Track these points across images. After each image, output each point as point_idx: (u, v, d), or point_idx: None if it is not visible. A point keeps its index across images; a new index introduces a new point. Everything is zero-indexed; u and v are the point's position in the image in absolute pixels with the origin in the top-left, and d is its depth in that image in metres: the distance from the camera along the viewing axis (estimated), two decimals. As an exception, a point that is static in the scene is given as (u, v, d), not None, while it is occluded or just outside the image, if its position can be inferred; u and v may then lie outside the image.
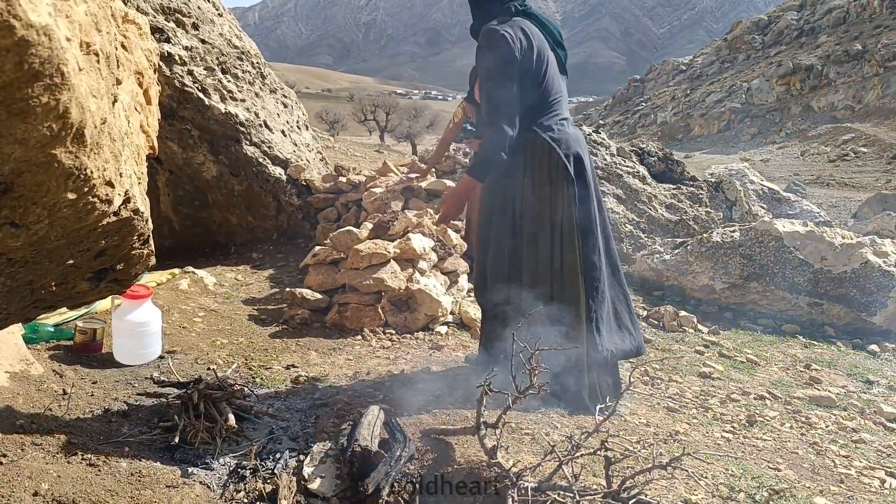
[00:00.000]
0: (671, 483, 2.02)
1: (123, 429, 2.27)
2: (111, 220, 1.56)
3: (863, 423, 3.00)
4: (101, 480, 1.90)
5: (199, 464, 2.10)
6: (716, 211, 6.54)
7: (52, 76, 1.10)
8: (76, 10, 1.22)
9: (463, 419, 2.35)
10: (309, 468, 2.05)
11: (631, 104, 44.37)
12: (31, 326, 2.90)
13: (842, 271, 4.59)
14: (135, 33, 1.93)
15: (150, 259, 1.97)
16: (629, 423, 2.61)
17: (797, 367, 3.79)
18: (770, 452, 2.53)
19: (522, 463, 2.00)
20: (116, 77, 1.50)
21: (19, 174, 1.20)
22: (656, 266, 5.17)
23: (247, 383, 2.77)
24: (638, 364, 3.47)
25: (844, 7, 38.71)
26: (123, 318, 2.86)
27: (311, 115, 8.12)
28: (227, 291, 4.23)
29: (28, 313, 1.89)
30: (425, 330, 3.74)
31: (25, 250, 1.43)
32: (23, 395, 2.38)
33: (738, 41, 43.70)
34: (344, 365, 3.14)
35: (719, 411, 2.93)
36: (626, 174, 6.48)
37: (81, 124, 1.22)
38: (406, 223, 4.16)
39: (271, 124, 5.56)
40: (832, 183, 17.14)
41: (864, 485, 2.34)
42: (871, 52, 31.75)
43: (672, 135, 34.38)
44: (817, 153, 24.94)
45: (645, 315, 4.41)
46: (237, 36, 5.63)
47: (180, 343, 3.21)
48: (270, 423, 2.43)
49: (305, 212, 5.45)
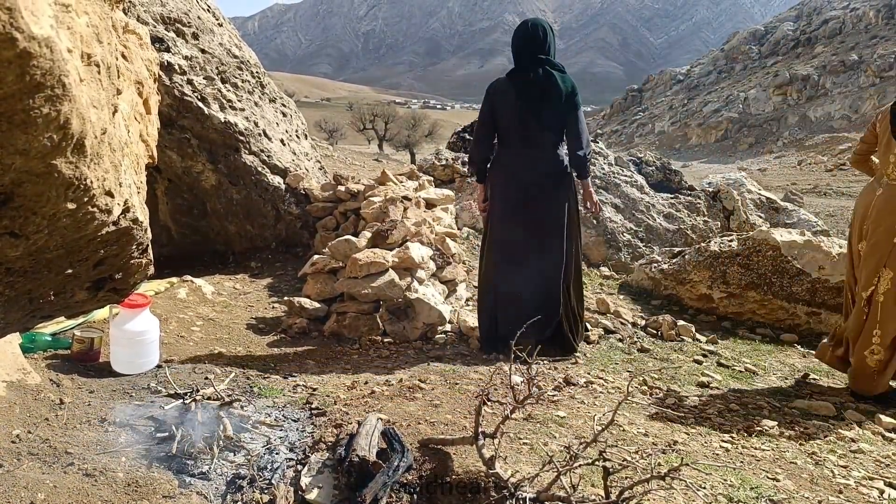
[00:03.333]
0: (669, 493, 2.02)
1: (120, 438, 2.26)
2: (110, 229, 1.57)
3: (861, 433, 3.00)
4: (98, 491, 1.89)
5: (197, 474, 2.09)
6: (713, 220, 6.55)
7: (53, 87, 1.11)
8: (77, 21, 1.23)
9: (461, 429, 2.34)
10: (306, 478, 2.05)
11: (629, 114, 44.58)
12: (28, 335, 2.89)
13: (839, 281, 4.60)
14: (135, 43, 1.94)
15: (148, 268, 1.97)
16: (627, 434, 2.60)
17: (795, 376, 3.79)
18: (768, 462, 2.52)
19: (521, 473, 1.99)
20: (117, 87, 1.51)
21: (19, 184, 1.20)
22: (654, 275, 5.17)
23: (244, 393, 2.76)
24: (636, 373, 3.47)
25: (840, 18, 39.01)
26: (121, 327, 2.86)
27: (310, 124, 8.14)
28: (226, 300, 4.23)
29: (26, 322, 1.89)
30: (424, 339, 3.74)
31: (24, 260, 1.43)
32: (20, 404, 2.37)
33: (735, 51, 43.98)
34: (342, 374, 3.13)
35: (718, 421, 2.93)
36: (624, 183, 6.51)
37: (82, 135, 1.23)
38: (405, 232, 4.16)
39: (270, 133, 5.58)
40: (829, 192, 17.18)
41: (862, 495, 2.34)
42: (868, 62, 31.97)
43: (670, 144, 34.53)
44: (814, 162, 25.05)
45: (643, 324, 4.41)
46: (237, 45, 5.66)
47: (178, 352, 3.20)
48: (268, 432, 2.42)
49: (304, 220, 5.46)
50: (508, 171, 3.49)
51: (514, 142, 3.48)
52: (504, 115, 3.45)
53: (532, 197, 3.44)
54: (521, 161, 3.47)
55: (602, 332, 4.15)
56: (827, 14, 40.13)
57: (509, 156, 3.50)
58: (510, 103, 3.42)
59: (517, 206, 3.46)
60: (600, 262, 5.90)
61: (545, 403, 2.80)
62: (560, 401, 2.90)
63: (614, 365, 3.64)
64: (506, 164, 3.51)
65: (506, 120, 3.45)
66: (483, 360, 3.47)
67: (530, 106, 3.38)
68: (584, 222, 5.41)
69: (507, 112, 3.44)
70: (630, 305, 4.80)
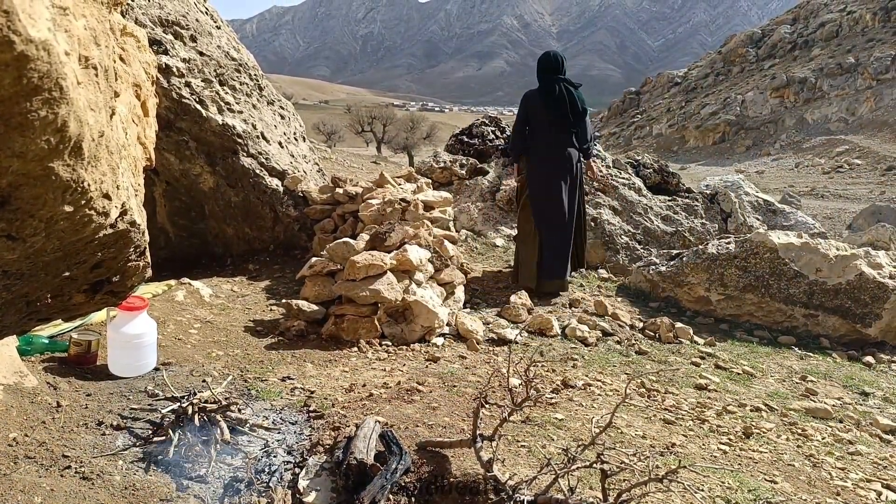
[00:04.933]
0: (667, 496, 2.02)
1: (118, 442, 2.25)
2: (108, 232, 1.57)
3: (859, 434, 3.00)
4: (95, 494, 1.89)
5: (194, 477, 2.09)
6: (711, 222, 6.56)
7: (50, 90, 1.11)
8: (75, 24, 1.23)
9: (459, 431, 2.34)
10: (304, 481, 2.04)
11: (626, 116, 44.66)
12: (25, 338, 2.88)
13: (837, 283, 4.61)
14: (133, 46, 1.94)
15: (146, 271, 1.97)
16: (625, 436, 2.60)
17: (793, 378, 3.80)
18: (766, 465, 2.52)
19: (519, 476, 1.99)
20: (114, 90, 1.51)
21: (17, 187, 1.20)
22: (652, 277, 5.18)
23: (242, 395, 2.76)
24: (634, 375, 3.47)
25: (837, 21, 39.15)
26: (118, 329, 2.85)
27: (308, 126, 8.14)
28: (223, 303, 4.22)
29: (23, 325, 1.88)
30: (422, 341, 3.74)
31: (21, 263, 1.43)
32: (16, 407, 2.36)
33: (732, 54, 44.10)
34: (340, 377, 3.13)
35: (715, 423, 2.93)
36: (622, 186, 6.52)
37: (79, 138, 1.23)
38: (403, 234, 4.16)
39: (268, 136, 5.58)
40: (827, 194, 17.23)
41: (860, 497, 2.34)
42: (864, 64, 32.08)
43: (667, 147, 34.59)
44: (812, 165, 25.12)
45: (641, 327, 4.42)
46: (235, 48, 5.66)
47: (176, 355, 3.19)
48: (266, 435, 2.42)
49: (302, 223, 5.45)
50: (540, 156, 4.83)
51: (543, 137, 4.81)
52: (535, 117, 4.79)
53: (556, 173, 4.78)
54: (548, 150, 4.82)
55: (600, 335, 4.15)
56: (824, 17, 40.26)
57: (540, 147, 4.82)
58: (540, 110, 4.76)
59: (548, 179, 4.79)
60: (598, 264, 5.90)
61: (543, 406, 2.80)
62: (558, 403, 2.90)
63: (612, 367, 3.64)
64: (538, 152, 4.84)
65: (536, 121, 4.80)
66: (481, 362, 3.47)
67: (555, 112, 4.73)
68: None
69: (537, 116, 4.78)
70: (628, 307, 4.80)
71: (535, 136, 4.83)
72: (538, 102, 4.77)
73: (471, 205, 6.50)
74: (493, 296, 4.73)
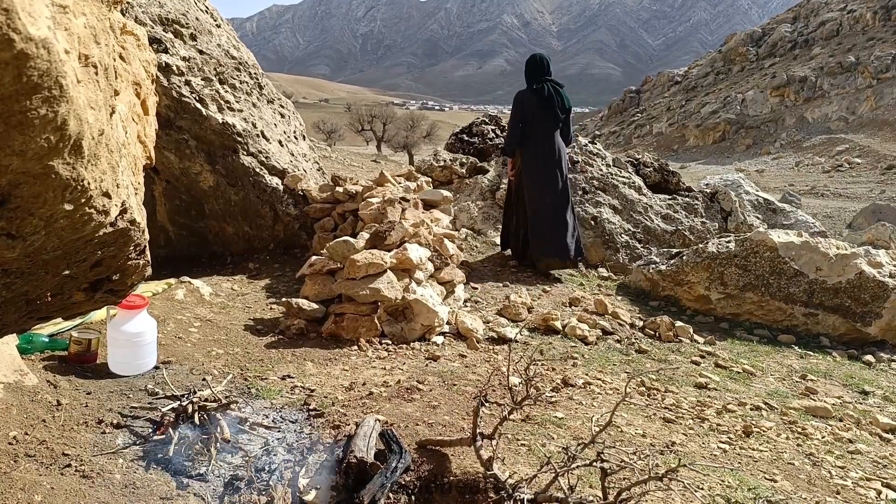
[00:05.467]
0: (668, 494, 2.02)
1: (118, 440, 2.25)
2: (108, 230, 1.57)
3: (859, 433, 3.00)
4: (95, 492, 1.89)
5: (194, 475, 2.09)
6: (711, 221, 6.56)
7: (50, 88, 1.11)
8: (75, 22, 1.22)
9: (459, 430, 2.34)
10: (304, 479, 2.04)
11: (627, 115, 44.64)
12: (25, 337, 2.88)
13: (837, 282, 4.61)
14: (133, 44, 1.94)
15: (146, 269, 1.97)
16: (625, 434, 2.60)
17: (793, 377, 3.80)
18: (766, 463, 2.53)
19: (519, 474, 1.99)
20: (114, 88, 1.51)
21: (16, 185, 1.20)
22: (652, 276, 5.18)
23: (242, 394, 2.76)
24: (634, 374, 3.47)
25: (837, 19, 39.10)
26: (118, 328, 2.85)
27: (308, 125, 8.14)
28: (223, 301, 4.22)
29: (23, 324, 1.88)
30: (422, 340, 3.74)
31: (22, 261, 1.43)
32: (17, 405, 2.36)
33: (732, 53, 44.05)
34: (340, 375, 3.13)
35: (715, 422, 2.93)
36: (622, 185, 6.51)
37: (79, 136, 1.23)
38: (403, 233, 4.16)
39: (268, 134, 5.58)
40: (827, 193, 17.23)
41: (860, 496, 2.34)
42: (865, 63, 32.04)
43: (668, 145, 34.58)
44: (812, 164, 25.12)
45: (641, 325, 4.42)
46: (235, 46, 5.66)
47: (176, 353, 3.19)
48: (266, 434, 2.42)
49: (302, 222, 5.45)
50: (534, 149, 5.37)
51: (536, 131, 5.36)
52: (529, 114, 5.33)
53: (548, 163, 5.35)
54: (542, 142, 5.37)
55: (600, 333, 4.16)
56: (824, 16, 40.22)
57: (534, 140, 5.36)
58: (533, 108, 5.31)
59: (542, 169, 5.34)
60: (598, 263, 5.90)
61: (543, 405, 2.80)
62: (558, 402, 2.90)
63: (612, 366, 3.64)
64: (531, 146, 5.38)
65: (529, 118, 5.34)
66: (481, 361, 3.48)
67: (546, 110, 5.34)
68: (582, 223, 5.93)
69: (531, 113, 5.33)
70: (628, 306, 4.80)
71: (530, 131, 5.38)
72: (533, 102, 5.32)
73: (471, 203, 6.50)
74: (492, 294, 4.73)
